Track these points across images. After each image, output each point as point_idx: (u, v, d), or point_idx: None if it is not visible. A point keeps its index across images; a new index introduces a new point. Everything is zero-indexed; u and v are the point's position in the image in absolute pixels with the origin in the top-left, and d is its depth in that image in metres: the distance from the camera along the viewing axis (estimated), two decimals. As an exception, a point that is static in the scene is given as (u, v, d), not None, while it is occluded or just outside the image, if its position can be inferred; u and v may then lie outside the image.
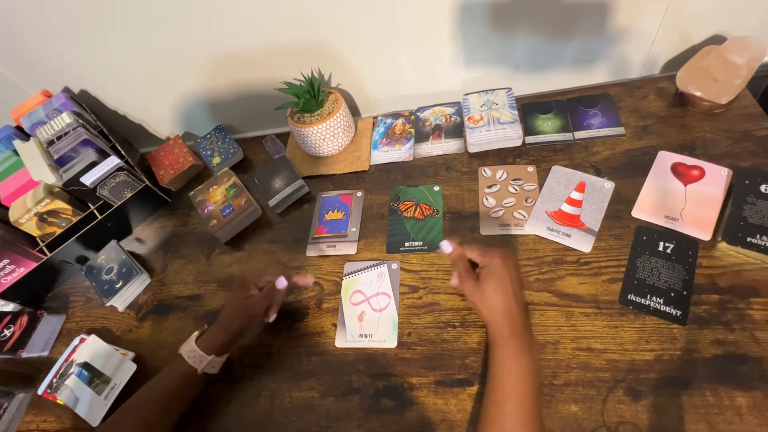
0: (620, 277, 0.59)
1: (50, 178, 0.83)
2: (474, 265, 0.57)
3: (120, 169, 0.83)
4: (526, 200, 0.70)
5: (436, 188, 0.76)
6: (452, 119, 0.85)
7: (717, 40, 0.74)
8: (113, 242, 0.85)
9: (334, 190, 0.83)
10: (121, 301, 0.79)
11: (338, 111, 0.81)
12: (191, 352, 0.59)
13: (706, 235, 0.59)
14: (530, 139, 0.77)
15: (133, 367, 0.69)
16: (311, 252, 0.75)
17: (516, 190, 0.72)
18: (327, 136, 0.82)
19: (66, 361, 0.69)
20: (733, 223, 0.57)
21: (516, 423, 0.46)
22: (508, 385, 0.48)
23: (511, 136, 0.76)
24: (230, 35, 0.79)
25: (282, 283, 0.64)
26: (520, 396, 0.47)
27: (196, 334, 0.62)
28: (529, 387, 0.48)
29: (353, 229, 0.76)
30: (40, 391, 0.67)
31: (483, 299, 0.53)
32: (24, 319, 0.79)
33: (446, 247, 0.58)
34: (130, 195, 0.85)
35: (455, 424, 0.54)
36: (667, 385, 0.51)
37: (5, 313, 0.80)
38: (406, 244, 0.71)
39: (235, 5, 0.73)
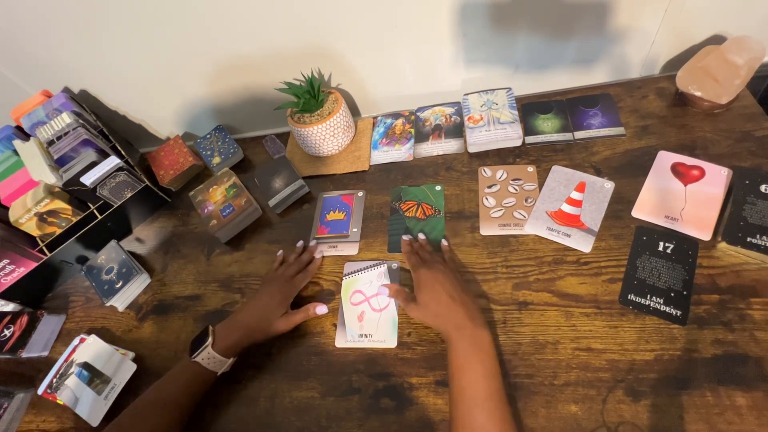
0: (620, 277, 0.59)
1: (50, 178, 0.83)
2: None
3: (120, 169, 0.83)
4: (526, 200, 0.70)
5: (438, 188, 0.76)
6: (452, 119, 0.85)
7: (717, 40, 0.74)
8: (113, 242, 0.85)
9: (335, 190, 0.83)
10: (121, 301, 0.79)
11: (338, 111, 0.81)
12: (209, 358, 0.59)
13: (706, 235, 0.59)
14: (530, 139, 0.77)
15: (133, 367, 0.69)
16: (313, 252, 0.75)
17: (516, 190, 0.72)
18: (327, 136, 0.82)
19: (66, 361, 0.69)
20: (733, 223, 0.57)
21: (481, 417, 0.47)
22: (465, 382, 0.49)
23: (511, 136, 0.76)
24: (230, 36, 0.79)
25: (322, 309, 0.67)
26: (476, 390, 0.49)
27: (210, 339, 0.60)
28: (484, 379, 0.49)
29: (354, 230, 0.76)
30: (40, 391, 0.67)
31: (424, 312, 0.58)
32: (24, 319, 0.79)
33: (384, 291, 0.65)
34: (130, 195, 0.85)
35: (455, 424, 0.54)
36: (667, 385, 0.51)
37: (5, 313, 0.80)
38: (407, 244, 0.71)
39: (236, 6, 0.73)
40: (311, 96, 0.80)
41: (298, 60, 0.82)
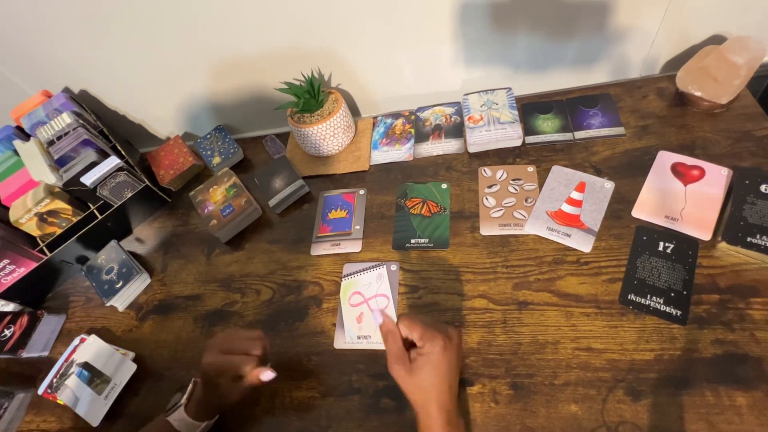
0: (620, 277, 0.59)
1: (50, 178, 0.83)
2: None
3: (120, 169, 0.83)
4: (526, 200, 0.70)
5: (444, 186, 0.76)
6: (452, 119, 0.85)
7: (717, 40, 0.74)
8: (113, 242, 0.85)
9: (336, 190, 0.83)
10: (121, 301, 0.79)
11: (338, 111, 0.81)
12: (181, 421, 0.55)
13: (706, 235, 0.59)
14: (530, 139, 0.77)
15: (133, 367, 0.69)
16: (316, 251, 0.75)
17: (516, 190, 0.72)
18: (327, 136, 0.82)
19: (66, 361, 0.69)
20: (733, 223, 0.57)
21: None
22: None
23: (511, 136, 0.76)
24: (230, 36, 0.78)
25: (268, 375, 0.54)
26: None
27: (184, 400, 0.56)
28: None
29: (357, 227, 0.76)
30: (40, 391, 0.67)
31: (414, 387, 0.48)
32: (24, 319, 0.79)
33: (377, 318, 0.51)
34: (130, 195, 0.85)
35: (455, 424, 0.54)
36: (667, 385, 0.51)
37: (5, 313, 0.80)
38: (412, 240, 0.71)
39: (236, 6, 0.73)
40: (311, 96, 0.80)
41: (298, 60, 0.82)
